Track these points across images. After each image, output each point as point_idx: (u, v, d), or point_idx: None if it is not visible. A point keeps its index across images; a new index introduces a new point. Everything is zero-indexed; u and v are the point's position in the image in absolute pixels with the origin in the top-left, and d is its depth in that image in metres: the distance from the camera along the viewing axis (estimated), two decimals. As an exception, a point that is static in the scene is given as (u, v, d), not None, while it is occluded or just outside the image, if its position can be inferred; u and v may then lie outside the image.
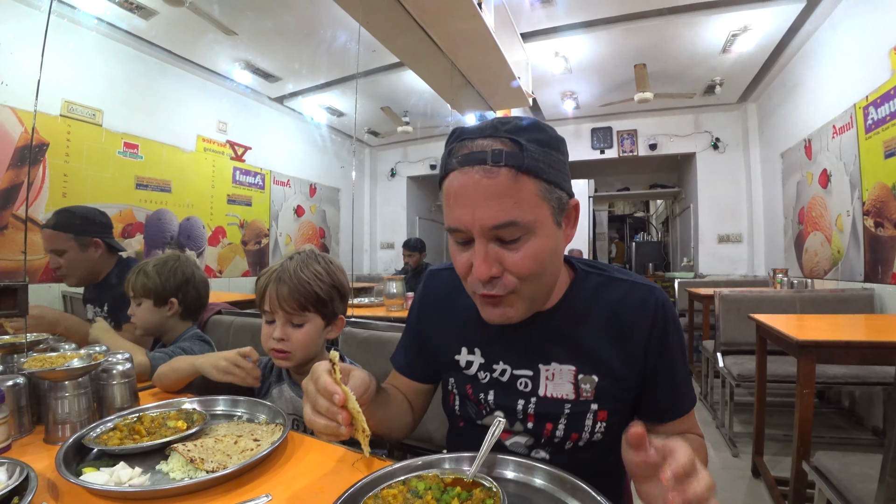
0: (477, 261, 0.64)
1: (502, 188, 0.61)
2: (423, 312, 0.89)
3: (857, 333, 1.79)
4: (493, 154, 0.62)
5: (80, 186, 3.27)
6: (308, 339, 1.02)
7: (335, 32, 3.68)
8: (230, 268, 4.62)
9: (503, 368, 0.78)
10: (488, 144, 0.63)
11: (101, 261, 1.78)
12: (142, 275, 1.35)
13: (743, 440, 2.59)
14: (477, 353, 0.81)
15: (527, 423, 0.77)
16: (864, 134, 2.80)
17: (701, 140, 5.38)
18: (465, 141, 0.65)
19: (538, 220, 0.64)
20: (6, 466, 0.62)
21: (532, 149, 0.62)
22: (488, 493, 0.57)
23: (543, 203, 0.64)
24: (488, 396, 0.79)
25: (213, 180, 4.42)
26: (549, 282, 0.71)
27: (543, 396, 0.75)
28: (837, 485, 1.21)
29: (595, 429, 0.75)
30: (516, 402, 0.77)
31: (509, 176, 0.61)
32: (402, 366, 0.91)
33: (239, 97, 4.71)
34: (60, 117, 3.16)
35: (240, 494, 0.62)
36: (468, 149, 0.64)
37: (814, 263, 3.59)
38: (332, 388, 0.59)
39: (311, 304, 1.01)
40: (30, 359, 0.89)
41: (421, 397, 0.92)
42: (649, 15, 3.48)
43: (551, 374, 0.75)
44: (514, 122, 0.65)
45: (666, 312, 0.75)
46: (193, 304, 1.42)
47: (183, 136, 4.11)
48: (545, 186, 0.64)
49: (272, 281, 1.01)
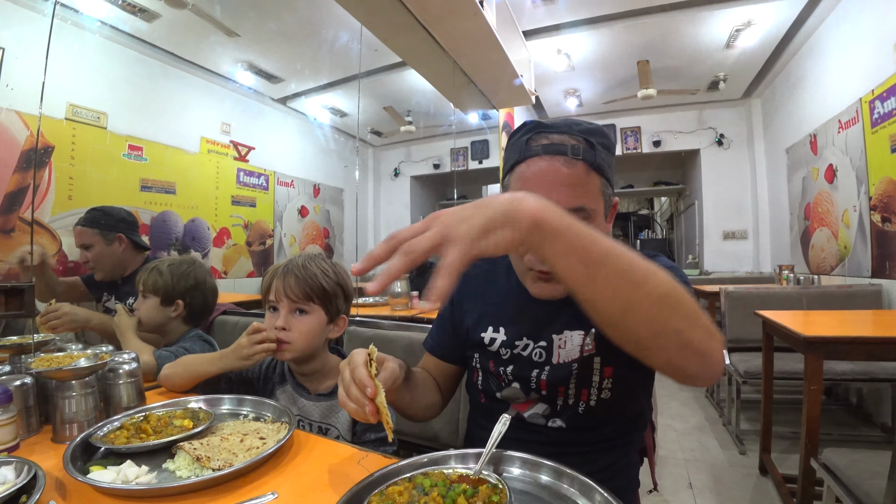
0: None
1: (578, 178, 0.71)
2: (458, 297, 0.95)
3: (865, 329, 1.78)
4: (573, 148, 0.72)
5: (85, 189, 3.28)
6: (310, 330, 1.02)
7: (337, 33, 3.69)
8: (235, 269, 4.64)
9: (525, 344, 0.84)
10: (567, 140, 0.73)
11: (125, 256, 1.90)
12: (155, 272, 1.37)
13: (750, 437, 2.58)
14: (501, 331, 0.86)
15: (540, 390, 0.82)
16: (871, 128, 2.78)
17: (705, 136, 5.35)
18: (543, 133, 0.74)
19: (597, 211, 0.74)
20: (14, 465, 0.62)
21: (600, 150, 0.73)
22: (494, 490, 0.56)
23: (601, 197, 0.75)
24: (507, 369, 0.84)
25: (217, 182, 4.43)
26: None
27: (556, 363, 0.81)
28: (846, 482, 1.21)
29: (602, 385, 0.80)
30: (531, 373, 0.82)
31: (584, 169, 0.72)
32: (433, 346, 0.98)
33: (242, 98, 4.72)
34: (65, 120, 3.18)
35: (246, 492, 0.62)
36: (549, 140, 0.73)
37: (820, 259, 3.56)
38: (366, 381, 0.62)
39: (315, 295, 1.02)
40: (37, 359, 0.90)
41: (449, 380, 0.98)
42: (652, 11, 3.46)
43: (563, 341, 0.81)
44: (584, 124, 0.76)
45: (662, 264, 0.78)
46: (199, 309, 1.43)
47: (187, 137, 4.12)
48: (605, 183, 0.75)
49: (279, 274, 1.03)
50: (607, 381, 0.79)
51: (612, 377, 0.79)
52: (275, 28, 3.60)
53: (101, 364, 0.87)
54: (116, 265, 1.89)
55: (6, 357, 0.96)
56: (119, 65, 3.55)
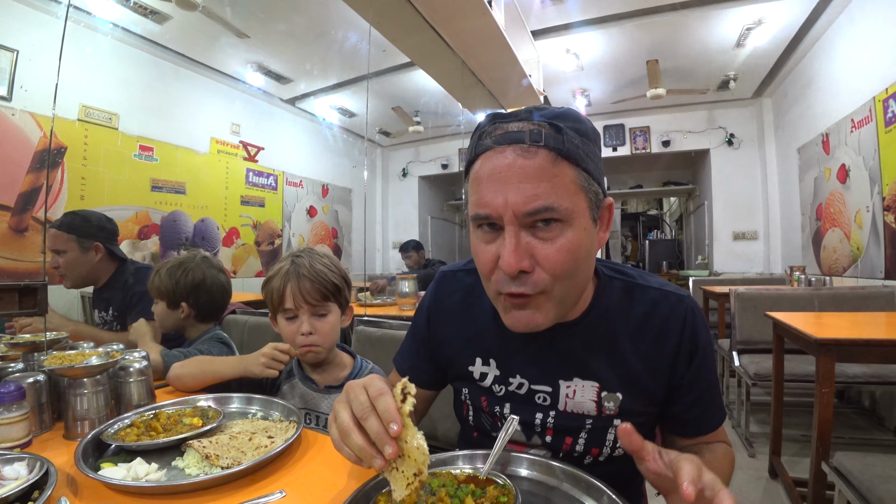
0: (506, 251, 0.58)
1: (540, 170, 0.56)
2: (435, 319, 0.83)
3: (878, 331, 1.75)
4: (532, 133, 0.57)
5: (97, 189, 3.33)
6: (333, 329, 1.06)
7: (346, 33, 3.70)
8: (244, 268, 4.67)
9: (520, 382, 0.73)
10: (525, 126, 0.58)
11: (100, 265, 1.80)
12: (157, 276, 1.37)
13: (760, 440, 2.55)
14: (492, 364, 0.75)
15: (545, 436, 0.73)
16: (884, 127, 2.74)
17: (715, 136, 5.31)
18: (499, 123, 0.60)
19: (575, 210, 0.58)
20: (27, 461, 0.63)
21: (571, 135, 0.58)
22: (502, 491, 0.56)
23: (581, 192, 0.59)
24: (504, 409, 0.74)
25: (226, 182, 4.47)
26: (581, 284, 0.65)
27: (563, 411, 0.71)
28: (858, 486, 1.19)
29: (616, 444, 0.71)
30: (534, 416, 0.73)
31: (548, 158, 0.57)
32: (406, 370, 0.86)
33: (251, 99, 4.75)
34: (78, 121, 3.22)
35: (254, 490, 0.62)
36: (503, 129, 0.59)
37: (832, 260, 3.52)
38: (393, 415, 0.48)
39: (331, 293, 1.05)
40: (50, 357, 0.91)
41: (423, 403, 0.88)
42: (661, 10, 3.44)
43: (572, 390, 0.71)
44: (550, 108, 0.61)
45: (696, 323, 0.70)
46: (207, 307, 1.41)
47: (197, 138, 4.16)
48: (584, 175, 0.59)
49: (291, 278, 1.02)
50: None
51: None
52: (284, 29, 3.63)
53: (113, 362, 0.88)
54: (89, 274, 1.79)
55: (19, 354, 0.97)
56: (131, 66, 3.59)
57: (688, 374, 0.70)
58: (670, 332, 0.69)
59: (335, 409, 0.53)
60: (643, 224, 9.27)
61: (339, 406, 0.53)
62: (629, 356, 0.70)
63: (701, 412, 0.72)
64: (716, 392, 0.73)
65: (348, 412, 0.51)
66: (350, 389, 0.53)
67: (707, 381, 0.71)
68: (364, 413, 0.50)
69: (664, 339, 0.69)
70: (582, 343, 0.71)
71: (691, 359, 0.70)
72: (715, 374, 0.74)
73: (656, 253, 7.58)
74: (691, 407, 0.71)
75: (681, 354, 0.69)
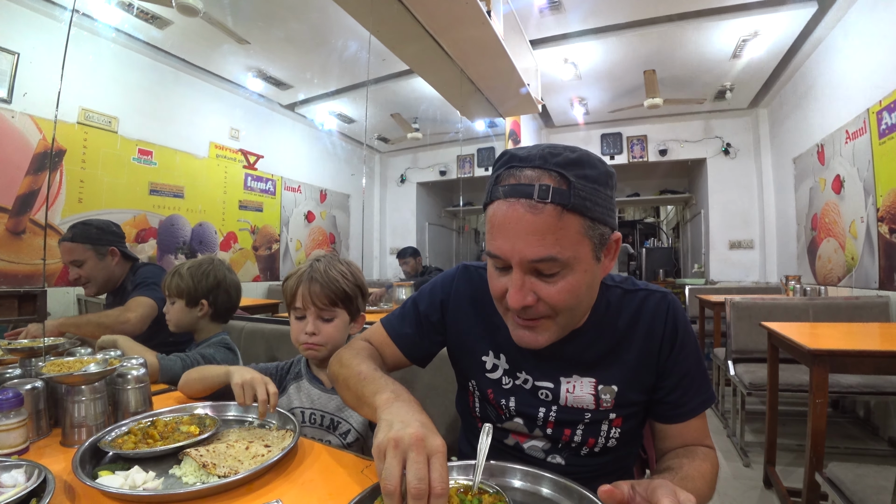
0: (512, 289, 0.66)
1: (545, 225, 0.62)
2: (455, 307, 0.88)
3: (872, 342, 1.76)
4: (540, 190, 0.62)
5: (95, 192, 3.32)
6: (337, 333, 1.09)
7: (346, 41, 3.73)
8: (241, 273, 4.66)
9: (525, 378, 0.81)
10: (536, 177, 0.63)
11: (117, 268, 1.86)
12: (177, 276, 1.41)
13: (755, 450, 2.55)
14: (502, 358, 0.83)
15: (546, 429, 0.80)
16: (878, 139, 2.77)
17: (711, 145, 5.35)
18: (514, 169, 0.65)
19: (577, 257, 0.65)
20: (25, 468, 0.63)
21: (580, 186, 0.63)
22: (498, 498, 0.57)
23: (585, 240, 0.65)
24: (509, 402, 0.81)
25: (225, 186, 4.47)
26: (583, 311, 0.75)
27: (564, 405, 0.79)
28: (851, 497, 1.20)
29: (610, 434, 0.79)
30: (537, 410, 0.80)
31: (554, 213, 0.62)
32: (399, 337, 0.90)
33: (251, 105, 4.76)
34: (77, 125, 3.23)
35: (251, 499, 0.63)
36: (515, 179, 0.64)
37: (827, 270, 3.54)
38: (440, 480, 0.51)
39: (339, 299, 1.09)
40: (48, 363, 0.91)
41: (398, 366, 0.92)
42: (658, 21, 3.48)
43: (572, 386, 0.78)
44: (564, 154, 0.64)
45: (676, 313, 0.79)
46: (224, 306, 1.49)
47: (196, 142, 4.17)
48: (589, 224, 0.64)
49: (304, 281, 1.07)
50: (615, 431, 0.79)
51: (620, 427, 0.79)
52: (284, 36, 3.65)
53: (111, 370, 0.88)
54: (109, 279, 1.86)
55: (17, 360, 0.98)
56: (131, 70, 3.60)
57: (670, 359, 0.78)
58: (656, 324, 0.78)
59: (388, 462, 0.52)
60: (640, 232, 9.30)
61: (392, 459, 0.52)
62: (624, 352, 0.78)
63: (682, 393, 0.78)
64: (698, 377, 0.80)
65: (398, 471, 0.51)
66: (409, 446, 0.52)
67: (688, 366, 0.78)
68: (419, 493, 0.48)
69: (652, 331, 0.78)
70: (584, 347, 0.79)
71: (672, 344, 0.78)
72: (698, 362, 0.80)
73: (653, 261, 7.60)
74: (673, 390, 0.78)
75: (664, 342, 0.78)
